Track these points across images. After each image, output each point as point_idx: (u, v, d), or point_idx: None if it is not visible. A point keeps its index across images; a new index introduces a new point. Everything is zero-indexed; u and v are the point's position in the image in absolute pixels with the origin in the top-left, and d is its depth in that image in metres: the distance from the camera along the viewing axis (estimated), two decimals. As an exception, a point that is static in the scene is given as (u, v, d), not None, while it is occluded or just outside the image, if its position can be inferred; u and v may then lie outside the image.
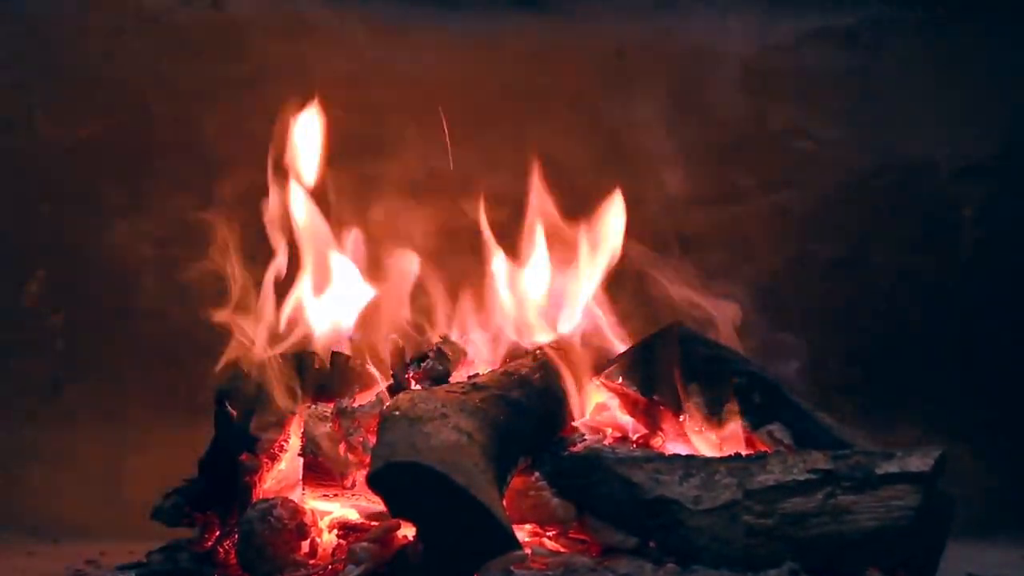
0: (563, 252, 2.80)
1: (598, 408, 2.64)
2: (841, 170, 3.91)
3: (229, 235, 2.76)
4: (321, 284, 2.80)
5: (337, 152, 2.94)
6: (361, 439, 2.35)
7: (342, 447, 2.36)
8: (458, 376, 2.53)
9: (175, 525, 2.51)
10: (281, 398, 2.51)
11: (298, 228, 2.80)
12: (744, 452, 2.39)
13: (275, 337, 2.66)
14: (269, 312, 2.71)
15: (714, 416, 2.49)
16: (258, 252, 2.77)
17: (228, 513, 2.48)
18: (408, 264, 2.82)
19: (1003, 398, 3.79)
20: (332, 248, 2.82)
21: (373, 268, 2.85)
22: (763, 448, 2.42)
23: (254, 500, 2.41)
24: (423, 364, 2.52)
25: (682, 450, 2.48)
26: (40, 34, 3.88)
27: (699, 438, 2.51)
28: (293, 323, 2.73)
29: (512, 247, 2.81)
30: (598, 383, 2.63)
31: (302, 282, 2.79)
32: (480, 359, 2.65)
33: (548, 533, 2.34)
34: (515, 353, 2.62)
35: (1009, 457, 3.75)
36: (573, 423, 2.53)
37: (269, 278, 2.75)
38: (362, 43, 3.89)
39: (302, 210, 2.81)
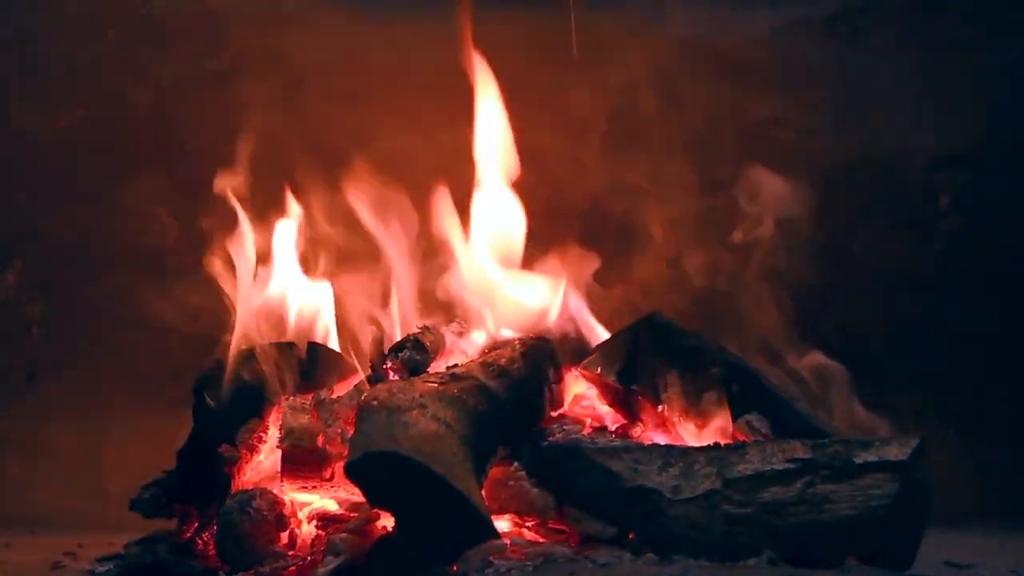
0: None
1: (577, 398, 2.64)
2: (819, 160, 3.91)
3: (207, 226, 2.75)
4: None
5: (315, 141, 2.94)
6: (339, 430, 2.35)
7: (320, 439, 2.36)
8: (437, 366, 2.53)
9: (154, 517, 2.50)
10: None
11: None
12: (723, 442, 2.39)
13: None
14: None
15: (693, 406, 2.50)
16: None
17: (207, 504, 2.47)
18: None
19: (983, 387, 3.80)
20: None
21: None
22: (742, 437, 2.43)
23: (233, 491, 2.40)
24: (400, 354, 2.51)
25: (661, 440, 2.49)
26: (15, 23, 3.85)
27: (678, 428, 2.51)
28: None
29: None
30: (577, 373, 2.63)
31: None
32: (459, 349, 2.65)
33: (527, 523, 2.34)
34: (495, 343, 2.61)
35: (988, 446, 3.77)
36: (552, 413, 2.53)
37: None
38: (340, 33, 3.88)
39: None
